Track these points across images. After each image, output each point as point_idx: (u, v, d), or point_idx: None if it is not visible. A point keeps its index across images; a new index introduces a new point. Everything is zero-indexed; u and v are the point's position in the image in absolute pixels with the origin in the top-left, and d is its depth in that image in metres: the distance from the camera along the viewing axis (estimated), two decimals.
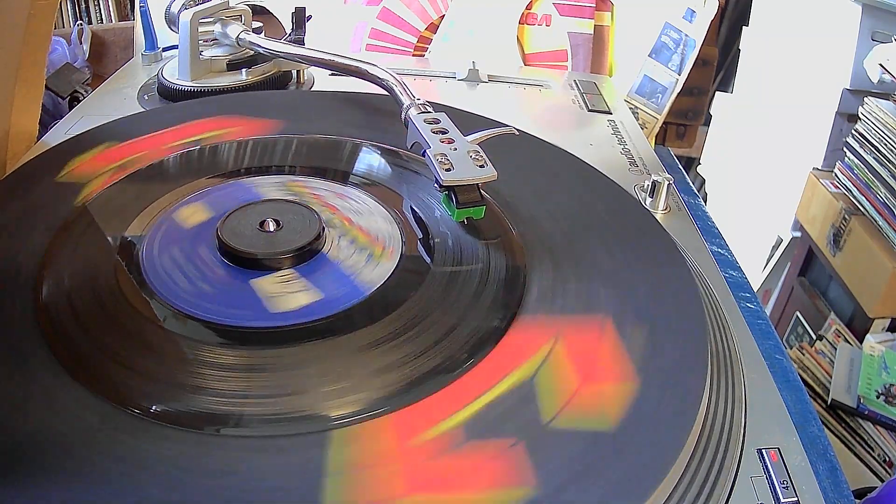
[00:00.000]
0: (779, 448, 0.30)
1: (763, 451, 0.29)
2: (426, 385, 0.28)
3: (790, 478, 0.28)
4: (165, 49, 0.66)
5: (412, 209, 0.39)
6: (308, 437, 0.26)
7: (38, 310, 0.31)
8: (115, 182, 0.40)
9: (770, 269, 1.10)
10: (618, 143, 0.58)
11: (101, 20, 1.25)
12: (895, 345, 0.84)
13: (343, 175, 0.43)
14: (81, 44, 0.93)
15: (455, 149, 0.38)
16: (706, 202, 0.98)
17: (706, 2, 0.78)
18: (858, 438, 0.77)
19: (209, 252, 0.35)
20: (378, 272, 0.34)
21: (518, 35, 0.80)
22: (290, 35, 0.62)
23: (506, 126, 0.42)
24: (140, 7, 0.67)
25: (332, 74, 0.64)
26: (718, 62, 1.30)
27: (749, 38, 1.19)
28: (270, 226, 0.35)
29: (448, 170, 0.36)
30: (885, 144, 0.82)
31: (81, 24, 0.95)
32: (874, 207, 0.84)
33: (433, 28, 0.81)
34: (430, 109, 0.42)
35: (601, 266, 0.36)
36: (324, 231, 0.36)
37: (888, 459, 0.74)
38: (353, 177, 0.43)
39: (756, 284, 1.11)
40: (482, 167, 0.37)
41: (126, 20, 1.21)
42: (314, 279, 0.34)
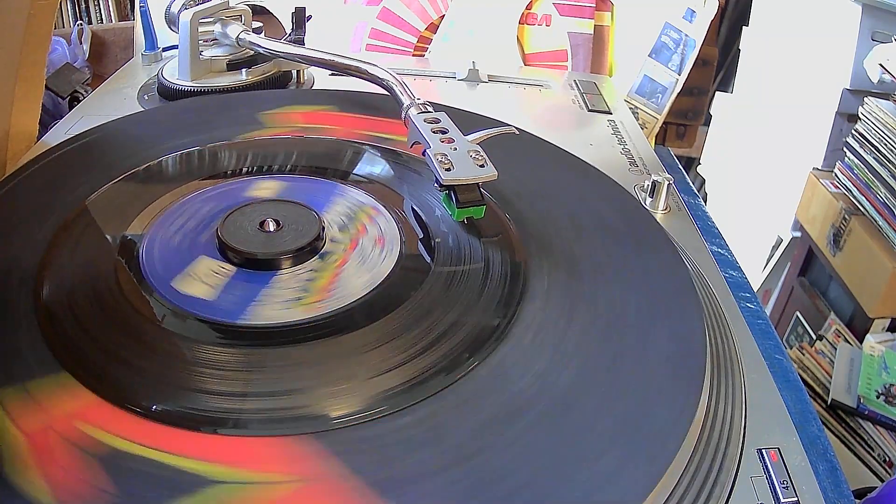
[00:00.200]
0: (779, 448, 0.30)
1: (763, 451, 0.29)
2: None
3: (790, 478, 0.28)
4: (165, 49, 0.66)
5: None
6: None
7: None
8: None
9: (770, 269, 1.10)
10: (618, 143, 0.58)
11: (101, 20, 1.25)
12: (895, 345, 0.84)
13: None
14: (81, 44, 0.93)
15: (455, 148, 0.38)
16: (706, 202, 0.98)
17: (706, 2, 0.78)
18: (858, 438, 0.77)
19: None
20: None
21: (518, 35, 0.80)
22: (290, 35, 0.62)
23: (506, 125, 0.42)
24: (140, 7, 0.67)
25: (332, 74, 0.64)
26: (718, 62, 1.30)
27: (749, 38, 1.19)
28: (270, 226, 0.35)
29: (448, 169, 0.36)
30: (885, 144, 0.82)
31: (81, 24, 0.95)
32: (874, 207, 0.84)
33: (433, 28, 0.81)
34: (431, 109, 0.42)
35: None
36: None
37: (888, 459, 0.74)
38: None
39: (756, 284, 1.11)
40: (482, 167, 0.37)
41: (126, 20, 1.21)
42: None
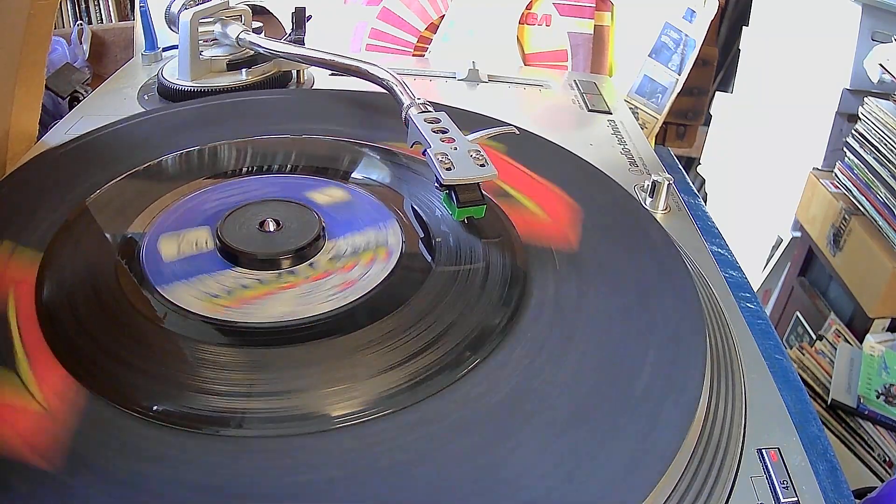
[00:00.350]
0: (779, 448, 0.30)
1: (763, 451, 0.29)
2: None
3: (790, 478, 0.28)
4: (165, 49, 0.66)
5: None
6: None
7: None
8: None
9: (770, 269, 1.10)
10: (618, 143, 0.58)
11: (101, 20, 1.25)
12: (895, 345, 0.84)
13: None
14: (81, 44, 0.93)
15: (455, 148, 0.38)
16: (706, 202, 0.98)
17: (706, 2, 0.78)
18: (858, 438, 0.77)
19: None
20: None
21: (518, 35, 0.80)
22: (290, 35, 0.62)
23: (506, 125, 0.42)
24: (140, 7, 0.67)
25: (332, 74, 0.64)
26: (718, 62, 1.30)
27: (749, 38, 1.19)
28: (270, 226, 0.35)
29: (449, 169, 0.36)
30: (885, 144, 0.82)
31: (81, 24, 0.95)
32: (874, 207, 0.84)
33: (433, 28, 0.81)
34: (431, 109, 0.42)
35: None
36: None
37: (888, 459, 0.74)
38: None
39: (756, 284, 1.11)
40: (483, 166, 0.37)
41: (126, 20, 1.21)
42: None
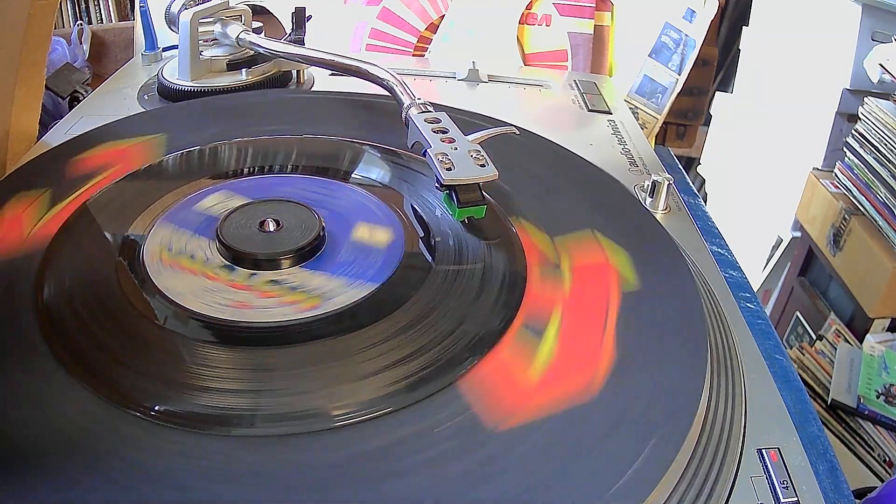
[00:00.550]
0: (779, 448, 0.30)
1: (763, 451, 0.29)
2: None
3: (790, 478, 0.28)
4: (165, 49, 0.66)
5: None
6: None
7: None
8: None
9: (770, 269, 1.10)
10: (618, 143, 0.58)
11: (101, 20, 1.25)
12: (895, 345, 0.84)
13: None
14: (81, 44, 0.93)
15: (456, 148, 0.38)
16: (706, 202, 0.98)
17: (706, 2, 0.78)
18: (858, 438, 0.77)
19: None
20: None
21: (518, 35, 0.80)
22: (290, 35, 0.62)
23: (506, 125, 0.42)
24: (140, 7, 0.67)
25: (332, 74, 0.64)
26: (718, 62, 1.30)
27: (749, 38, 1.19)
28: (270, 226, 0.35)
29: (449, 169, 0.36)
30: (885, 144, 0.82)
31: (81, 24, 0.95)
32: (874, 207, 0.84)
33: (433, 28, 0.80)
34: (431, 109, 0.42)
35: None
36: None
37: (888, 459, 0.74)
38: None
39: (756, 284, 1.11)
40: (483, 166, 0.37)
41: (126, 20, 1.21)
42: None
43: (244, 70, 0.58)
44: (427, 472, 0.25)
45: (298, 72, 0.63)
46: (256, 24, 0.60)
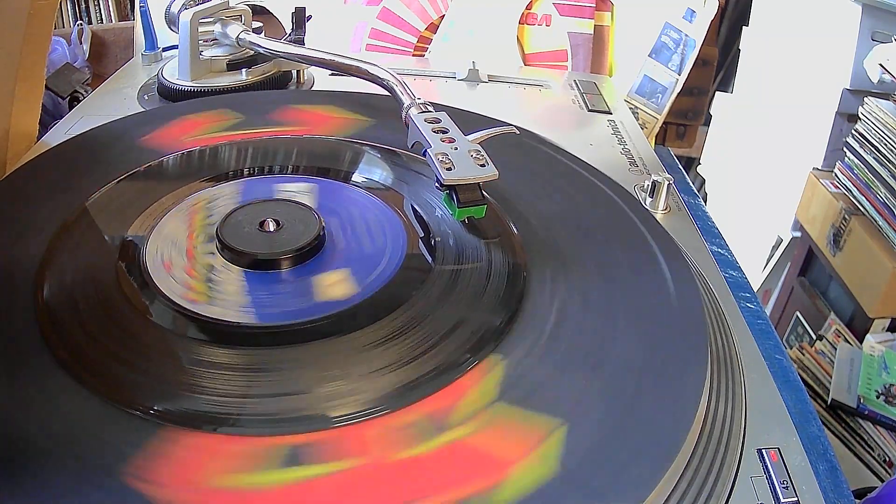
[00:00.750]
0: (779, 448, 0.30)
1: (763, 451, 0.29)
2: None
3: (790, 478, 0.28)
4: (165, 49, 0.66)
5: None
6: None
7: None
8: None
9: (770, 269, 1.10)
10: (618, 143, 0.58)
11: (101, 20, 1.25)
12: (895, 345, 0.84)
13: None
14: (81, 44, 0.93)
15: (456, 148, 0.38)
16: (706, 202, 0.98)
17: (706, 2, 0.78)
18: (858, 438, 0.77)
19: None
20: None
21: (518, 35, 0.80)
22: (290, 35, 0.62)
23: (506, 125, 0.42)
24: (140, 7, 0.67)
25: (333, 74, 0.64)
26: (718, 62, 1.30)
27: (749, 38, 1.19)
28: (270, 226, 0.35)
29: (449, 169, 0.36)
30: (885, 144, 0.82)
31: (81, 24, 0.95)
32: (874, 207, 0.84)
33: (433, 28, 0.81)
34: (431, 109, 0.42)
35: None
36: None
37: (888, 459, 0.74)
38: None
39: (756, 284, 1.11)
40: (483, 166, 0.37)
41: (126, 20, 1.21)
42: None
43: (244, 70, 0.58)
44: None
45: (298, 72, 0.63)
46: (256, 24, 0.60)
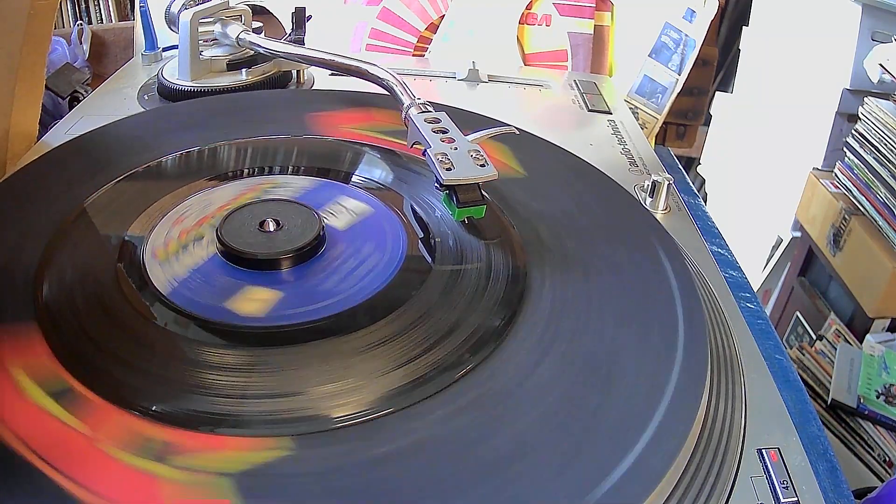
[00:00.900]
0: (779, 448, 0.30)
1: (763, 451, 0.29)
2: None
3: (790, 478, 0.28)
4: (165, 49, 0.66)
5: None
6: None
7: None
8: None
9: (770, 269, 1.10)
10: (618, 143, 0.58)
11: (101, 20, 1.25)
12: (895, 345, 0.84)
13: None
14: (81, 44, 0.93)
15: (455, 148, 0.38)
16: (706, 202, 0.98)
17: (706, 2, 0.78)
18: (858, 438, 0.77)
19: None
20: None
21: (518, 35, 0.80)
22: (290, 35, 0.62)
23: (506, 125, 0.42)
24: (140, 7, 0.67)
25: (333, 74, 0.64)
26: (718, 62, 1.30)
27: (749, 38, 1.19)
28: (270, 226, 0.35)
29: (449, 169, 0.36)
30: (885, 144, 0.82)
31: (81, 24, 0.95)
32: (874, 207, 0.84)
33: (433, 28, 0.81)
34: (431, 109, 0.42)
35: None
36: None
37: (888, 459, 0.74)
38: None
39: (756, 284, 1.11)
40: (483, 166, 0.37)
41: (126, 20, 1.21)
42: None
43: (244, 70, 0.58)
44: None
45: (298, 72, 0.63)
46: (256, 24, 0.60)
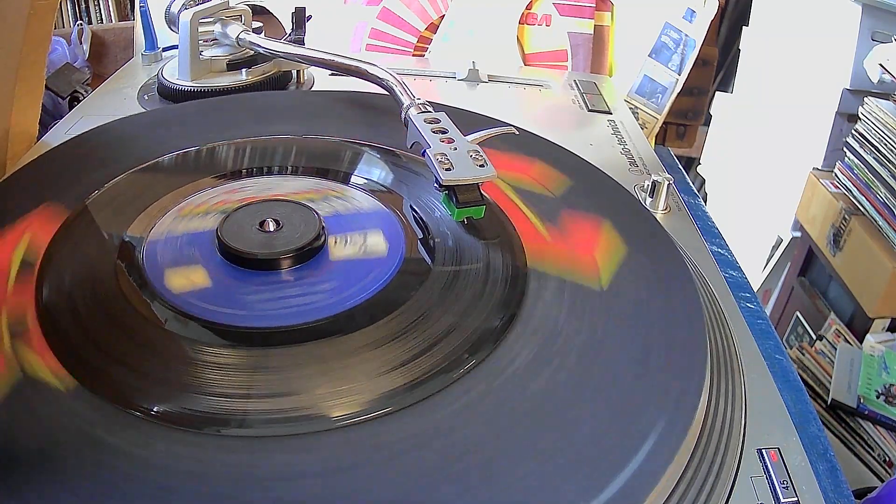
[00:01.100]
0: (779, 448, 0.30)
1: (763, 451, 0.29)
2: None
3: (790, 478, 0.28)
4: (165, 49, 0.66)
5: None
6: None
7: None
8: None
9: (770, 269, 1.10)
10: (618, 143, 0.58)
11: (101, 20, 1.25)
12: (895, 345, 0.84)
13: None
14: (81, 44, 0.93)
15: (455, 148, 0.38)
16: (706, 202, 0.98)
17: (706, 2, 0.78)
18: (858, 438, 0.77)
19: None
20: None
21: (518, 35, 0.80)
22: (290, 35, 0.62)
23: (506, 125, 0.42)
24: (140, 7, 0.67)
25: (332, 74, 0.64)
26: (718, 62, 1.30)
27: (749, 38, 1.19)
28: (270, 226, 0.35)
29: (448, 169, 0.36)
30: (885, 144, 0.82)
31: (81, 24, 0.95)
32: (874, 207, 0.84)
33: (433, 28, 0.81)
34: (430, 109, 0.42)
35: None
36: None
37: (888, 459, 0.74)
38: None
39: (756, 284, 1.11)
40: (482, 167, 0.37)
41: (126, 20, 1.21)
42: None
43: (244, 70, 0.58)
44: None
45: (298, 72, 0.63)
46: (256, 24, 0.60)
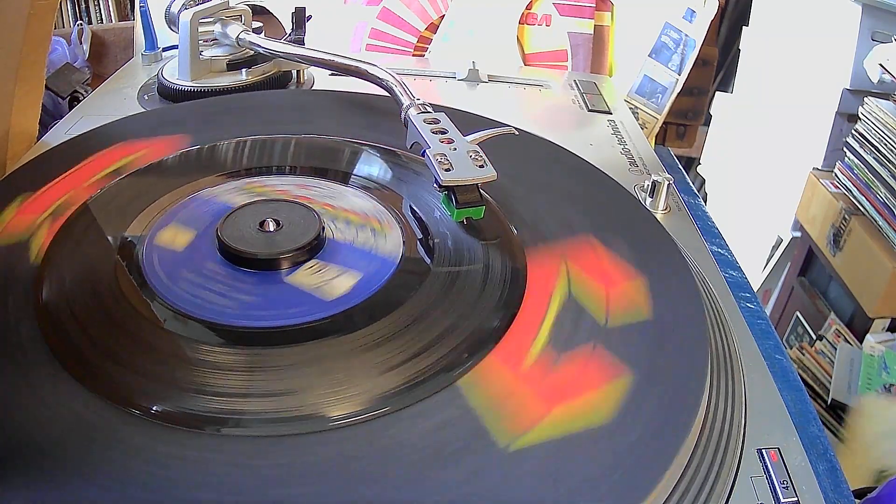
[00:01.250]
0: (779, 448, 0.30)
1: (763, 451, 0.29)
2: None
3: (790, 478, 0.28)
4: (165, 49, 0.66)
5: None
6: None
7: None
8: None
9: (770, 269, 1.10)
10: (618, 143, 0.58)
11: (101, 20, 1.25)
12: (895, 345, 0.84)
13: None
14: (81, 44, 0.93)
15: (455, 149, 0.38)
16: (706, 202, 0.98)
17: (706, 2, 0.78)
18: None
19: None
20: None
21: (518, 35, 0.80)
22: (290, 35, 0.62)
23: (505, 126, 0.42)
24: (140, 7, 0.67)
25: (332, 74, 0.64)
26: (718, 62, 1.30)
27: (749, 38, 1.19)
28: (270, 226, 0.35)
29: (447, 170, 0.36)
30: (885, 144, 0.82)
31: (81, 24, 0.95)
32: (874, 207, 0.84)
33: (433, 28, 0.80)
34: (430, 109, 0.42)
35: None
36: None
37: None
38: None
39: (756, 284, 1.11)
40: (482, 167, 0.37)
41: (126, 20, 1.21)
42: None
43: (244, 70, 0.58)
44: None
45: (298, 72, 0.63)
46: (256, 24, 0.60)
